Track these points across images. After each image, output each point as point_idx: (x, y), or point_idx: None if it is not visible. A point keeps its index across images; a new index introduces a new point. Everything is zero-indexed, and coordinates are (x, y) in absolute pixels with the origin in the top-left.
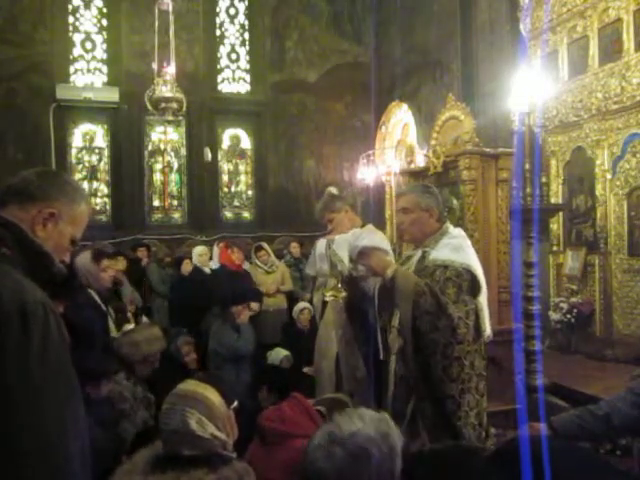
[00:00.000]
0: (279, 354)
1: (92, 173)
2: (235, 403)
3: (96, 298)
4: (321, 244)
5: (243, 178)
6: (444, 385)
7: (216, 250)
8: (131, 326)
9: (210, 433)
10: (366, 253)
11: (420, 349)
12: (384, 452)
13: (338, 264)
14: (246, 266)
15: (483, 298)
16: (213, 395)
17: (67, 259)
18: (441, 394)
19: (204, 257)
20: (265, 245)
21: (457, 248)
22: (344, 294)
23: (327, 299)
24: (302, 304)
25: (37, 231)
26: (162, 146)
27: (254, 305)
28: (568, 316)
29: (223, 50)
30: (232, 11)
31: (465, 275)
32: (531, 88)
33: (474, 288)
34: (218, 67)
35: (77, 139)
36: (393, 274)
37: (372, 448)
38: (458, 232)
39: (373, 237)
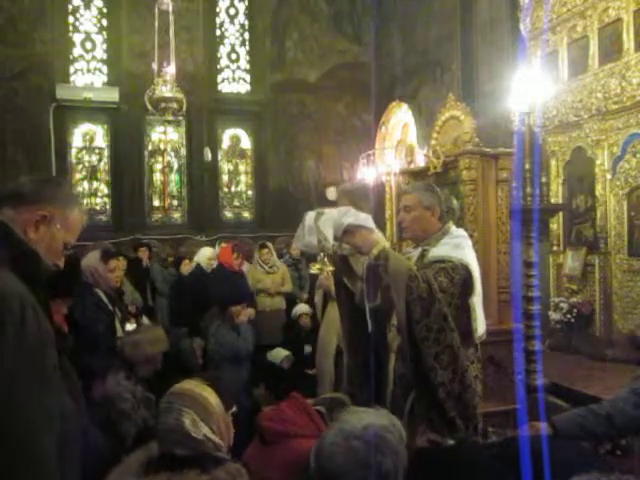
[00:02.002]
0: (280, 354)
1: (92, 173)
2: (234, 408)
3: (103, 298)
4: (310, 217)
5: (243, 178)
6: (435, 372)
7: (217, 250)
8: (133, 326)
9: (203, 434)
10: (351, 231)
11: (414, 338)
12: (397, 438)
13: (323, 241)
14: (246, 266)
15: (477, 299)
16: (210, 396)
17: (60, 263)
18: (432, 382)
19: (212, 261)
20: (269, 244)
21: (457, 246)
22: (330, 268)
23: (313, 272)
24: (300, 308)
25: (29, 233)
26: (162, 146)
27: (251, 311)
28: (568, 316)
29: (223, 50)
30: (232, 11)
31: (460, 270)
32: (531, 88)
33: (468, 286)
34: (218, 67)
35: (77, 139)
36: (379, 253)
37: (388, 435)
38: (460, 232)
39: (359, 215)
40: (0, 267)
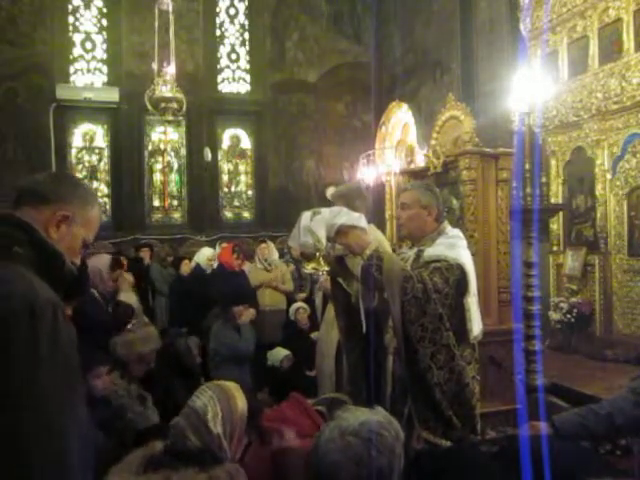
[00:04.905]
0: (279, 354)
1: (92, 173)
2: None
3: (97, 296)
4: (305, 217)
5: (243, 178)
6: (431, 373)
7: (218, 250)
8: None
9: (217, 432)
10: (344, 231)
11: (409, 338)
12: (393, 436)
13: (316, 242)
14: (247, 267)
15: (472, 299)
16: (241, 402)
17: (78, 261)
18: (428, 382)
19: (212, 262)
20: (268, 241)
21: (452, 246)
22: (325, 267)
23: (307, 271)
24: (297, 304)
25: (51, 232)
26: (162, 146)
27: (252, 312)
28: (568, 316)
29: (223, 50)
30: (232, 11)
31: (455, 270)
32: (531, 88)
33: (462, 286)
34: (218, 67)
35: (77, 139)
36: (372, 254)
37: (384, 432)
38: (455, 232)
39: (351, 215)
40: (27, 270)
